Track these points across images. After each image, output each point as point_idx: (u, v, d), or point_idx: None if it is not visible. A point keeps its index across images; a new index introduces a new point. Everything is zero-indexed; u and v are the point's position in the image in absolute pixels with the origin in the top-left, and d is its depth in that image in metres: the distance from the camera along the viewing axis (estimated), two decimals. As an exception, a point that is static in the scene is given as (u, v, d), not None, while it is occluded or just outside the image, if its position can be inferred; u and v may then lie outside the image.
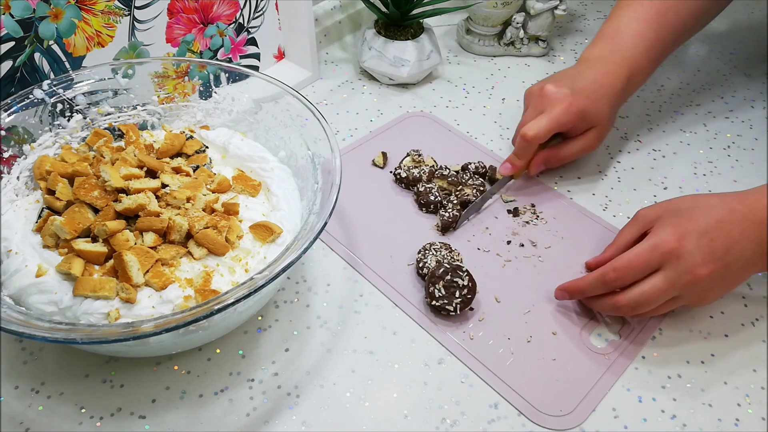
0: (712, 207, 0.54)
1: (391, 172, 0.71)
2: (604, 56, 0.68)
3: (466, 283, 0.56)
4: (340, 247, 0.63)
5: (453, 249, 0.61)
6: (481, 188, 0.67)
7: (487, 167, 0.70)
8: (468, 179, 0.68)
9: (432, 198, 0.66)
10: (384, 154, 0.72)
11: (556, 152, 0.68)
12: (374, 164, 0.72)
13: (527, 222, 0.66)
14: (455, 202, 0.66)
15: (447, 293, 0.56)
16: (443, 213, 0.64)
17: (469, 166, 0.70)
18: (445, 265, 0.56)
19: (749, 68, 0.90)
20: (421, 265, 0.60)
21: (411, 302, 0.59)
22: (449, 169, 0.69)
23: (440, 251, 0.60)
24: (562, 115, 0.64)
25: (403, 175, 0.69)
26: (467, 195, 0.67)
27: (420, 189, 0.67)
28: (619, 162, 0.74)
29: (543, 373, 0.54)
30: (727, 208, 0.53)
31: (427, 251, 0.60)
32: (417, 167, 0.70)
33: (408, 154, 0.71)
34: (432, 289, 0.56)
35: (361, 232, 0.65)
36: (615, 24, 0.70)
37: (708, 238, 0.52)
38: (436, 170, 0.69)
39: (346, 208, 0.67)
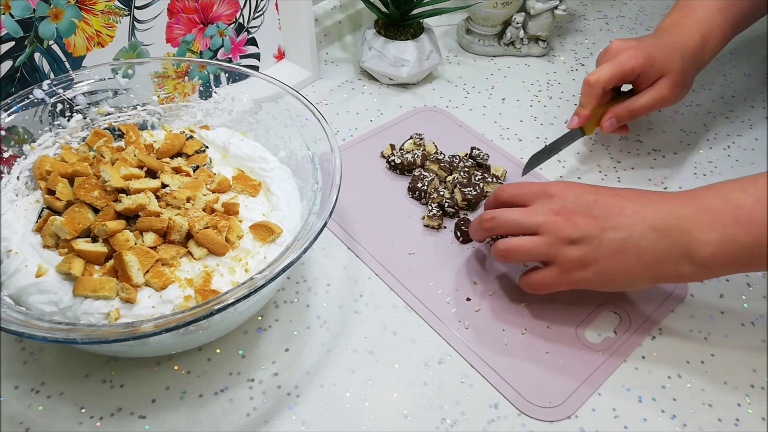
0: (622, 191, 0.53)
1: (386, 160, 0.72)
2: (676, 22, 0.67)
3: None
4: (343, 234, 0.64)
5: None
6: (473, 170, 0.69)
7: (487, 156, 0.71)
8: (458, 162, 0.69)
9: (419, 185, 0.67)
10: (392, 146, 0.73)
11: (627, 105, 0.65)
12: (383, 156, 0.73)
13: None
14: (442, 194, 0.66)
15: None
16: (430, 207, 0.65)
17: (473, 152, 0.71)
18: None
19: (749, 68, 0.90)
20: None
21: (411, 291, 0.59)
22: (444, 154, 0.71)
23: None
24: (627, 59, 0.62)
25: (398, 161, 0.70)
26: (456, 179, 0.67)
27: (416, 174, 0.68)
28: (619, 162, 0.74)
29: (535, 364, 0.54)
30: (636, 194, 0.52)
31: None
32: (410, 152, 0.71)
33: (411, 137, 0.73)
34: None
35: (364, 220, 0.65)
36: None
37: (591, 198, 0.52)
38: (430, 155, 0.70)
39: (353, 196, 0.68)
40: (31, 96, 0.57)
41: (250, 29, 0.78)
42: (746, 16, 0.69)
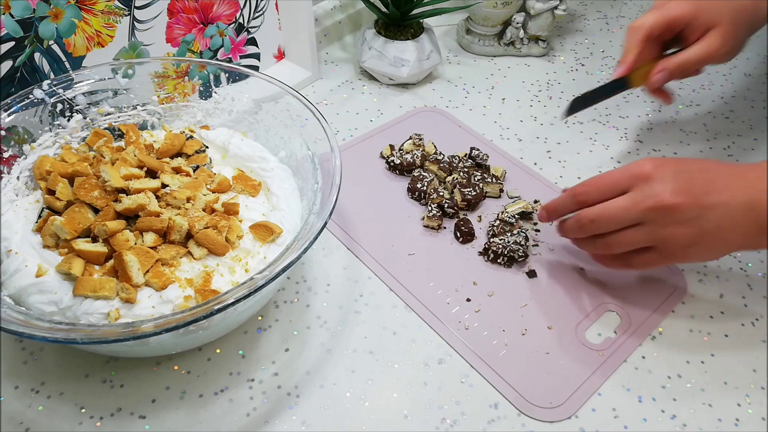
0: (703, 161, 0.53)
1: (385, 160, 0.72)
2: None
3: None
4: (343, 234, 0.64)
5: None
6: (473, 170, 0.69)
7: (486, 156, 0.71)
8: (458, 162, 0.69)
9: (419, 185, 0.67)
10: (392, 147, 0.73)
11: (677, 58, 0.60)
12: (382, 156, 0.73)
13: (533, 221, 0.67)
14: (442, 194, 0.66)
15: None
16: (429, 208, 0.65)
17: (472, 152, 0.71)
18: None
19: (749, 68, 0.90)
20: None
21: (411, 291, 0.59)
22: (444, 155, 0.71)
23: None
24: (674, 6, 0.57)
25: (397, 161, 0.70)
26: (456, 180, 0.67)
27: (415, 174, 0.69)
28: (619, 162, 0.74)
29: (535, 365, 0.54)
30: (719, 165, 0.52)
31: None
32: (410, 153, 0.71)
33: (410, 138, 0.73)
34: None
35: (364, 221, 0.65)
36: None
37: (688, 175, 0.50)
38: (429, 156, 0.71)
39: (353, 196, 0.68)
40: (31, 96, 0.57)
41: (250, 29, 0.78)
42: None
